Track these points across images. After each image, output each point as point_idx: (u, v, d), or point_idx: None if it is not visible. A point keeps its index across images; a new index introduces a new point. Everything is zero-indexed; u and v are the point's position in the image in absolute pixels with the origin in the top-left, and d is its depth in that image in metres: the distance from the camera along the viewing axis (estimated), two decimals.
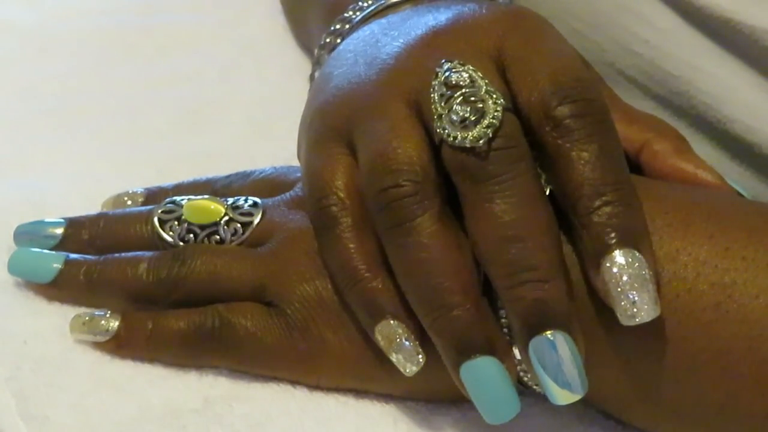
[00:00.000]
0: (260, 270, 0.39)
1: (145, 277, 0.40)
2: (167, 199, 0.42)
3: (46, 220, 0.43)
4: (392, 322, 0.35)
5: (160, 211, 0.42)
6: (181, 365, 0.39)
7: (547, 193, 0.35)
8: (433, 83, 0.35)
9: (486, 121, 0.34)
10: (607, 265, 0.33)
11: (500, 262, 0.33)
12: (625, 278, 0.33)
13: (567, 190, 0.34)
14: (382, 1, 0.45)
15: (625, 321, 0.33)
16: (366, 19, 0.45)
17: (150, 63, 0.58)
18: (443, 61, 0.35)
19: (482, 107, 0.34)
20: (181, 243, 0.41)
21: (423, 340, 0.35)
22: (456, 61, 0.35)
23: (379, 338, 0.36)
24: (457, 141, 0.34)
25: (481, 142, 0.34)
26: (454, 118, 0.34)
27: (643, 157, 0.39)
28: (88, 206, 0.45)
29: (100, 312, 0.40)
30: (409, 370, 0.35)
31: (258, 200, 0.41)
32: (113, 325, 0.39)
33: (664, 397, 0.35)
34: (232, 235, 0.41)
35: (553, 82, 0.34)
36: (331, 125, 0.38)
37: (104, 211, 0.45)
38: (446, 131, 0.34)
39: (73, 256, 0.41)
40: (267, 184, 0.43)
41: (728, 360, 0.33)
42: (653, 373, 0.35)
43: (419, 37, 0.37)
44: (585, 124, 0.34)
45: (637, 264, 0.33)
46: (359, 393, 0.39)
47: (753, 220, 0.35)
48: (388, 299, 0.35)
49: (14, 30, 0.61)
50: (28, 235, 0.43)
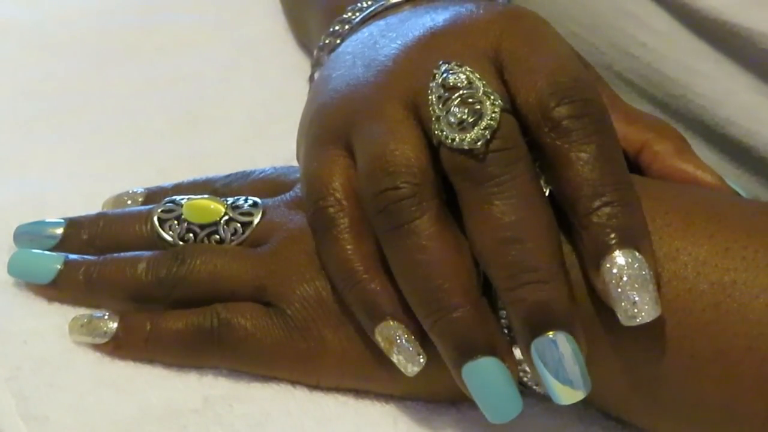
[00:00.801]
0: (260, 270, 0.39)
1: (144, 277, 0.40)
2: (167, 199, 0.42)
3: (46, 220, 0.43)
4: (392, 323, 0.35)
5: (159, 210, 0.42)
6: (180, 365, 0.39)
7: (547, 193, 0.35)
8: (431, 85, 0.35)
9: (484, 123, 0.34)
10: (607, 265, 0.33)
11: (500, 264, 0.33)
12: (625, 279, 0.33)
13: (566, 190, 0.34)
14: (381, 2, 0.45)
15: (625, 321, 0.33)
16: (365, 21, 0.45)
17: (150, 63, 0.58)
18: (440, 62, 0.35)
19: (480, 108, 0.34)
20: (180, 242, 0.41)
21: (423, 340, 0.35)
22: (453, 63, 0.35)
23: (380, 339, 0.36)
24: (455, 143, 0.34)
25: (479, 143, 0.33)
26: (452, 119, 0.34)
27: (642, 157, 0.39)
28: (88, 206, 0.45)
29: (98, 313, 0.40)
30: (410, 370, 0.35)
31: (258, 200, 0.42)
32: (111, 326, 0.39)
33: (663, 397, 0.35)
34: (231, 235, 0.41)
35: (551, 82, 0.34)
36: (330, 127, 0.38)
37: (104, 211, 0.45)
38: (444, 133, 0.34)
39: (73, 256, 0.41)
40: (267, 184, 0.43)
41: (728, 360, 0.33)
42: (653, 373, 0.35)
43: (417, 38, 0.37)
44: (583, 125, 0.34)
45: (637, 264, 0.33)
46: (359, 393, 0.39)
47: (753, 219, 0.35)
48: (388, 300, 0.35)
49: (14, 30, 0.61)
50: (28, 235, 0.43)
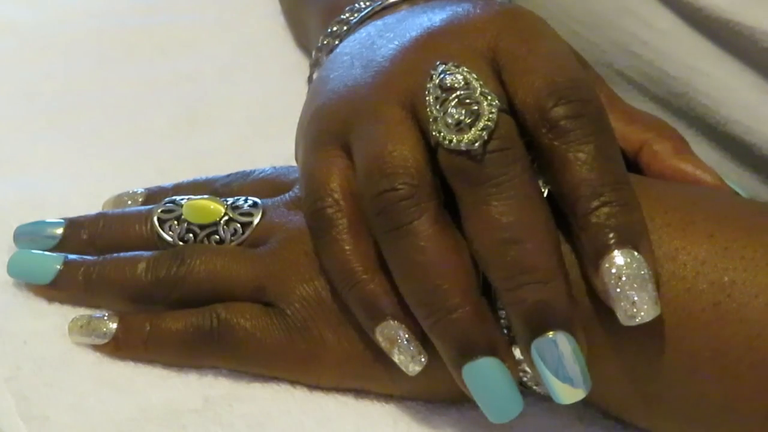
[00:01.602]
0: (260, 270, 0.39)
1: (143, 277, 0.40)
2: (167, 199, 0.42)
3: (46, 220, 0.43)
4: (393, 323, 0.35)
5: (159, 210, 0.42)
6: (180, 365, 0.39)
7: (546, 193, 0.35)
8: (428, 86, 0.35)
9: (481, 123, 0.34)
10: (606, 265, 0.33)
11: (499, 265, 0.33)
12: (624, 278, 0.33)
13: (564, 191, 0.34)
14: (379, 2, 0.45)
15: (625, 321, 0.33)
16: (363, 21, 0.45)
17: (150, 63, 0.58)
18: (437, 63, 0.35)
19: (477, 109, 0.34)
20: (180, 243, 0.41)
21: (424, 339, 0.35)
22: (450, 63, 0.35)
23: (380, 339, 0.36)
24: (452, 144, 0.34)
25: (476, 144, 0.33)
26: (449, 120, 0.34)
27: (642, 157, 0.39)
28: (88, 206, 0.45)
29: (98, 314, 0.40)
30: (411, 369, 0.35)
31: (258, 200, 0.42)
32: (111, 327, 0.39)
33: (663, 397, 0.35)
34: (231, 235, 0.41)
35: (549, 82, 0.34)
36: (328, 128, 0.38)
37: (104, 211, 0.45)
38: (442, 134, 0.34)
39: (72, 256, 0.41)
40: (267, 184, 0.43)
41: (727, 359, 0.33)
42: (652, 372, 0.35)
43: (414, 38, 0.37)
44: (581, 125, 0.34)
45: (636, 264, 0.33)
46: (359, 393, 0.39)
47: (752, 219, 0.35)
48: (387, 300, 0.35)
49: (14, 30, 0.61)
50: (28, 235, 0.43)
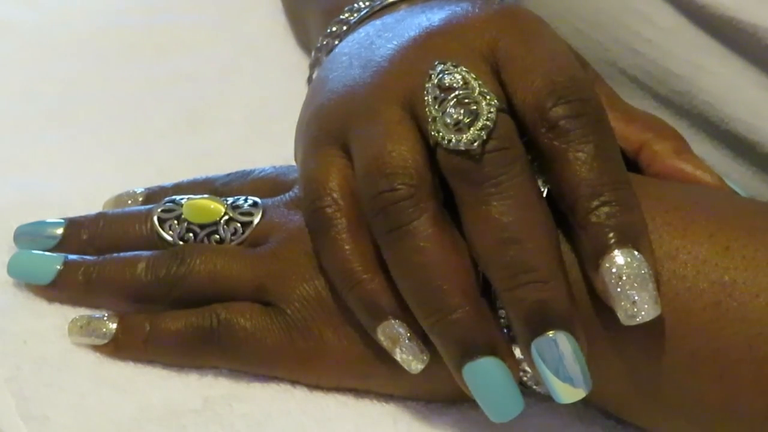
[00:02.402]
0: (260, 270, 0.39)
1: (143, 277, 0.40)
2: (167, 199, 0.42)
3: (46, 220, 0.43)
4: (394, 322, 0.35)
5: (159, 210, 0.42)
6: (180, 365, 0.39)
7: (545, 193, 0.35)
8: (427, 86, 0.35)
9: (480, 123, 0.34)
10: (607, 265, 0.33)
11: (499, 265, 0.33)
12: (624, 278, 0.33)
13: (564, 191, 0.34)
14: (378, 1, 0.45)
15: (625, 321, 0.33)
16: (362, 20, 0.45)
17: (150, 63, 0.58)
18: (436, 62, 0.35)
19: (476, 109, 0.34)
20: (180, 242, 0.41)
21: (425, 337, 0.35)
22: (449, 63, 0.35)
23: (382, 338, 0.36)
24: (451, 144, 0.34)
25: (475, 144, 0.33)
26: (448, 120, 0.34)
27: (642, 157, 0.39)
28: (88, 206, 0.45)
29: (97, 315, 0.40)
30: (414, 368, 0.35)
31: (258, 200, 0.41)
32: (111, 327, 0.39)
33: (663, 396, 0.35)
34: (231, 235, 0.41)
35: (548, 82, 0.34)
36: (327, 129, 0.38)
37: (104, 211, 0.45)
38: (441, 134, 0.34)
39: (72, 256, 0.41)
40: (267, 183, 0.43)
41: (728, 359, 0.33)
42: (653, 372, 0.35)
43: (412, 38, 0.37)
44: (580, 125, 0.34)
45: (636, 263, 0.33)
46: (359, 393, 0.39)
47: (753, 218, 0.35)
48: (388, 299, 0.35)
49: (14, 30, 0.61)
50: (28, 235, 0.43)
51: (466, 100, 0.34)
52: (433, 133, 0.34)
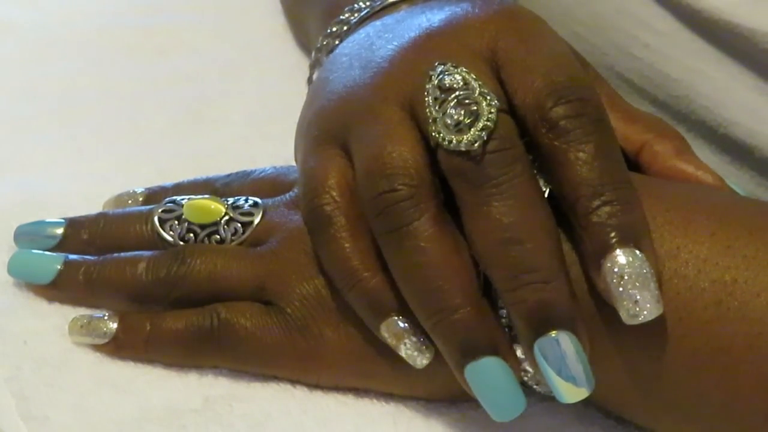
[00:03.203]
0: (260, 269, 0.39)
1: (144, 277, 0.40)
2: (167, 199, 0.42)
3: (46, 220, 0.43)
4: (397, 319, 0.35)
5: (160, 210, 0.42)
6: (180, 365, 0.39)
7: (546, 193, 0.35)
8: (427, 86, 0.35)
9: (480, 124, 0.34)
10: (608, 265, 0.33)
11: (500, 265, 0.33)
12: (626, 277, 0.33)
13: (565, 191, 0.34)
14: (378, 2, 0.45)
15: (628, 320, 0.33)
16: (363, 21, 0.45)
17: (150, 63, 0.58)
18: (436, 63, 0.35)
19: (476, 110, 0.34)
20: (181, 242, 0.41)
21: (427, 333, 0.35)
22: (449, 63, 0.35)
23: (386, 335, 0.36)
24: (452, 145, 0.34)
25: (476, 145, 0.33)
26: (449, 121, 0.34)
27: (642, 157, 0.39)
28: (89, 206, 0.45)
29: (98, 314, 0.40)
30: (419, 363, 0.35)
31: (258, 200, 0.42)
32: (111, 327, 0.39)
33: (664, 395, 0.35)
34: (232, 235, 0.41)
35: (548, 82, 0.34)
36: (327, 129, 0.38)
37: (104, 210, 0.45)
38: (441, 135, 0.34)
39: (72, 256, 0.41)
40: (267, 183, 0.43)
41: (729, 358, 0.33)
42: (653, 371, 0.35)
43: (412, 39, 0.37)
44: (581, 125, 0.34)
45: (638, 263, 0.33)
46: (359, 393, 0.39)
47: (754, 218, 0.35)
48: (390, 296, 0.35)
49: (14, 30, 0.61)
50: (29, 235, 0.43)
51: (467, 101, 0.34)
52: (434, 134, 0.34)
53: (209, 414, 0.37)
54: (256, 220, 0.41)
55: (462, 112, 0.34)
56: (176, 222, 0.41)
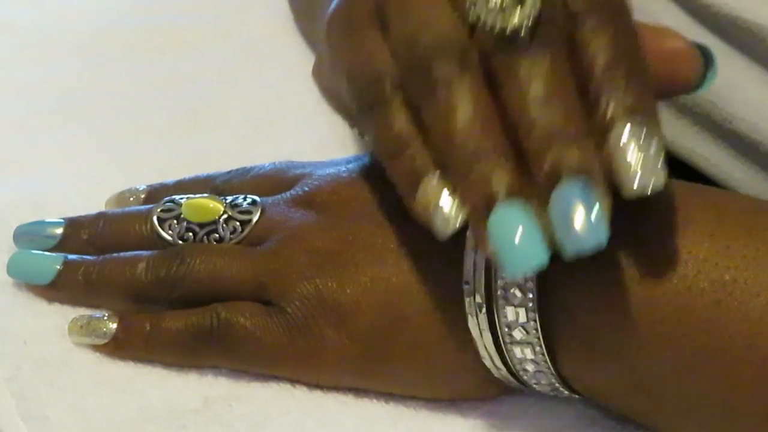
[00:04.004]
0: (260, 269, 0.39)
1: (143, 277, 0.40)
2: (166, 198, 0.42)
3: (46, 220, 0.43)
4: (433, 176, 0.34)
5: (159, 209, 0.42)
6: (180, 365, 0.39)
7: None
8: None
9: (527, 9, 0.33)
10: (616, 133, 0.32)
11: (532, 125, 0.33)
12: (633, 146, 0.32)
13: (583, 71, 0.33)
14: None
15: (630, 194, 0.32)
16: None
17: (150, 63, 0.58)
18: None
19: None
20: (180, 242, 0.41)
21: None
22: None
23: (421, 200, 0.34)
24: (496, 27, 0.33)
25: (518, 27, 0.33)
26: (491, 4, 0.34)
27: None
28: (89, 206, 0.45)
29: (98, 314, 0.40)
30: (451, 226, 0.34)
31: (257, 198, 0.41)
32: (111, 327, 0.39)
33: (663, 394, 0.35)
34: (231, 234, 0.41)
35: None
36: (360, 11, 0.37)
37: (104, 210, 0.45)
38: (482, 16, 0.34)
39: (72, 256, 0.41)
40: (267, 180, 0.43)
41: (728, 358, 0.33)
42: (653, 371, 0.35)
43: None
44: (598, 14, 0.33)
45: (644, 134, 0.32)
46: (359, 393, 0.39)
47: (754, 217, 0.35)
48: (430, 161, 0.34)
49: (14, 30, 0.61)
50: (28, 235, 0.43)
51: None
52: (473, 18, 0.34)
53: (209, 414, 0.37)
54: (255, 219, 0.41)
55: None
56: (175, 221, 0.41)
